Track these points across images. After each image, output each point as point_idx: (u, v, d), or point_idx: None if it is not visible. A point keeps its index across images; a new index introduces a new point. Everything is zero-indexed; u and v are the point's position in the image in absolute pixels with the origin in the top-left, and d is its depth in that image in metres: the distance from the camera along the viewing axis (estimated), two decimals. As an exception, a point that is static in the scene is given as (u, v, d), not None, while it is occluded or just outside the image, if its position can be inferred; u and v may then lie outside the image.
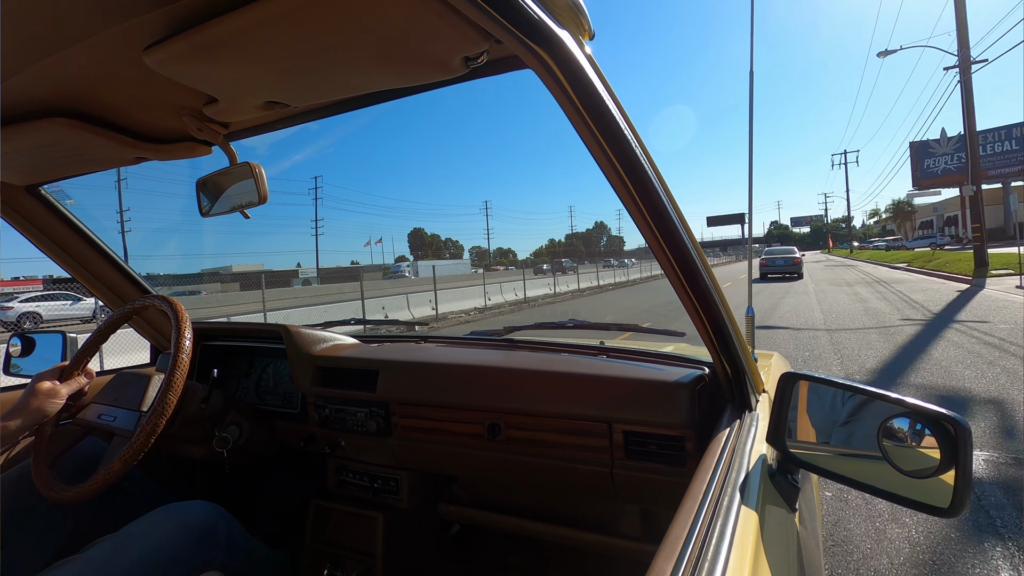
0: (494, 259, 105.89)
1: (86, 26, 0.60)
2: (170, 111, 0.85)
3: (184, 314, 1.04)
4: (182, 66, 0.65)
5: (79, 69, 0.70)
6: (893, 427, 0.64)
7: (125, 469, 0.92)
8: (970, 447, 0.58)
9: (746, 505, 0.63)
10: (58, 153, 0.97)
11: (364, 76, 0.70)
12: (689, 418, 0.94)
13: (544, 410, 1.09)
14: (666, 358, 1.14)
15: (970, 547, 2.18)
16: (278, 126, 0.97)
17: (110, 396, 1.12)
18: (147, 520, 0.93)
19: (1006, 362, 5.04)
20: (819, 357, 5.80)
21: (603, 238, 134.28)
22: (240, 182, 0.98)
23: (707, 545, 0.53)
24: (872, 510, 2.53)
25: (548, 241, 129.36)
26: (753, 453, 0.76)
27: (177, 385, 0.96)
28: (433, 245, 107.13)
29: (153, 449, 0.96)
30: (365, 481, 1.37)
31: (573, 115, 0.58)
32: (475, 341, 1.50)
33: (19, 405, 0.99)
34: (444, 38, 0.59)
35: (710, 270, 0.78)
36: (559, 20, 0.52)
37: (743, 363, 0.88)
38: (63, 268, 1.39)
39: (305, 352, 1.37)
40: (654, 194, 0.66)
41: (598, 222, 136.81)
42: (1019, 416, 3.57)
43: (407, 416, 1.24)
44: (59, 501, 0.94)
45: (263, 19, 0.55)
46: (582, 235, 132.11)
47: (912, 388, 4.41)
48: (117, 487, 1.05)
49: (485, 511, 1.39)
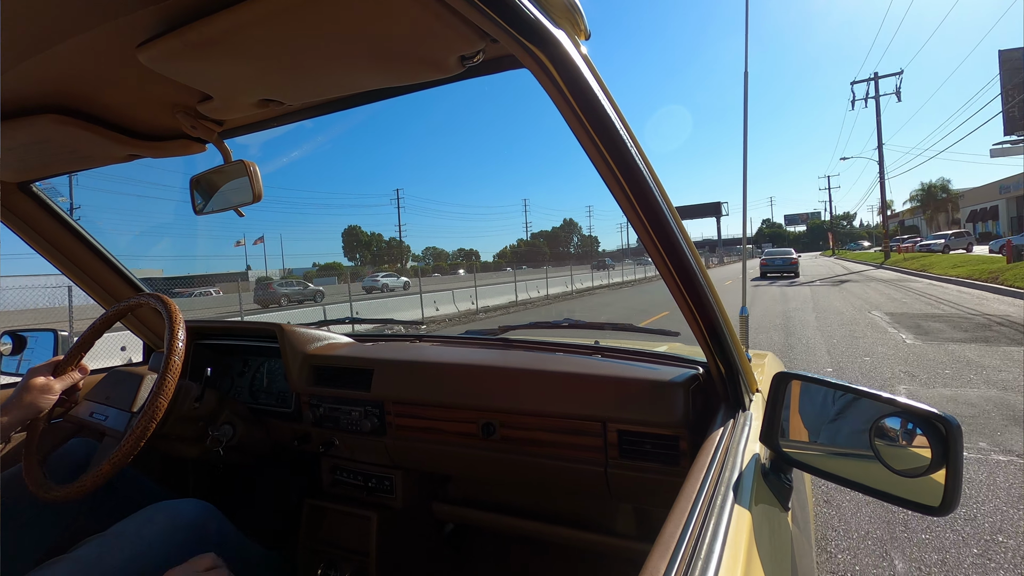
0: (454, 260, 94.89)
1: (79, 22, 0.59)
2: (164, 108, 0.85)
3: (177, 313, 1.03)
4: (176, 63, 0.64)
5: (72, 66, 0.69)
6: (885, 426, 0.64)
7: (114, 472, 0.91)
8: (960, 446, 0.58)
9: (739, 504, 0.63)
10: (51, 150, 0.96)
11: (359, 75, 0.70)
12: (683, 417, 0.95)
13: (539, 409, 1.09)
14: (660, 357, 1.14)
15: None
16: (273, 124, 0.97)
17: (102, 394, 1.11)
18: (137, 519, 0.93)
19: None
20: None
21: (574, 237, 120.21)
22: (234, 180, 0.97)
23: (700, 544, 0.53)
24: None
25: (515, 242, 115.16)
26: (746, 452, 0.77)
27: (168, 388, 0.95)
28: (372, 246, 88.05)
29: (147, 447, 0.95)
30: (359, 480, 1.37)
31: (569, 115, 0.58)
32: (470, 340, 1.50)
33: (12, 400, 0.98)
34: (440, 37, 0.59)
35: (704, 270, 0.79)
36: (555, 19, 0.52)
37: (737, 363, 0.88)
38: (55, 266, 1.38)
39: (299, 351, 1.37)
40: (649, 193, 0.66)
41: (567, 219, 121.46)
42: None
43: (402, 415, 1.24)
44: (49, 500, 0.94)
45: (257, 17, 0.55)
46: (548, 234, 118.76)
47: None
48: (113, 485, 1.05)
49: (479, 510, 1.39)
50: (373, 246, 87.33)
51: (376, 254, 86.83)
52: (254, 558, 1.07)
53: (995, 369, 4.79)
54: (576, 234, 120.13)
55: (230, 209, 1.02)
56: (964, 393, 4.14)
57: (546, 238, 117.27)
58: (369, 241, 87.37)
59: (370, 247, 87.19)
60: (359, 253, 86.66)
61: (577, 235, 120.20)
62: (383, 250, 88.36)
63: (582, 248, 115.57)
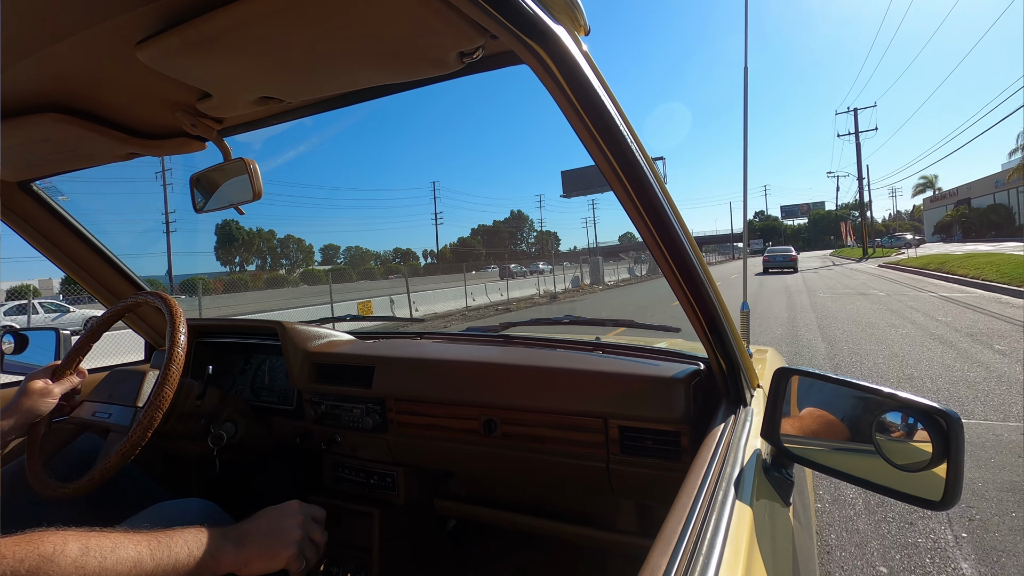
0: (387, 263, 76.59)
1: (78, 21, 0.59)
2: (163, 106, 0.85)
3: (179, 310, 1.03)
4: (175, 61, 0.64)
5: (71, 64, 0.69)
6: (886, 421, 0.64)
7: (122, 463, 0.91)
8: (962, 440, 0.58)
9: (740, 499, 0.63)
10: (50, 149, 0.96)
11: (359, 72, 0.70)
12: (684, 413, 0.95)
13: (540, 406, 1.09)
14: (661, 353, 1.15)
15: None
16: (272, 121, 0.97)
17: (104, 393, 1.11)
18: (140, 518, 0.93)
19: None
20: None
21: (523, 232, 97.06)
22: (234, 178, 0.97)
23: (702, 539, 0.53)
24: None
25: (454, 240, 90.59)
26: (748, 448, 0.77)
27: (173, 378, 0.95)
28: (253, 245, 65.78)
29: (149, 446, 0.96)
30: (361, 477, 1.37)
31: (569, 111, 0.58)
32: (471, 337, 1.50)
33: (11, 405, 0.98)
34: (439, 34, 0.59)
35: (705, 265, 0.79)
36: (555, 15, 0.52)
37: (738, 358, 0.88)
38: (56, 265, 1.38)
39: (301, 348, 1.37)
40: (649, 189, 0.66)
41: (515, 211, 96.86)
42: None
43: (403, 412, 1.24)
44: (56, 498, 0.94)
45: (256, 14, 0.55)
46: (489, 229, 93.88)
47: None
48: (117, 485, 1.05)
49: (481, 507, 1.39)
50: (256, 245, 65.70)
51: (257, 254, 66.36)
52: None
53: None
54: (527, 227, 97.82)
55: (230, 207, 1.02)
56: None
57: (485, 235, 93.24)
58: (250, 239, 64.72)
59: (252, 246, 65.37)
60: (238, 255, 64.61)
61: (528, 228, 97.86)
62: (272, 250, 68.33)
63: (538, 247, 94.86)
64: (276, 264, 67.93)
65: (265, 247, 67.78)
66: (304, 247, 73.49)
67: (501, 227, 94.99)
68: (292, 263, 68.78)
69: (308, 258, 73.33)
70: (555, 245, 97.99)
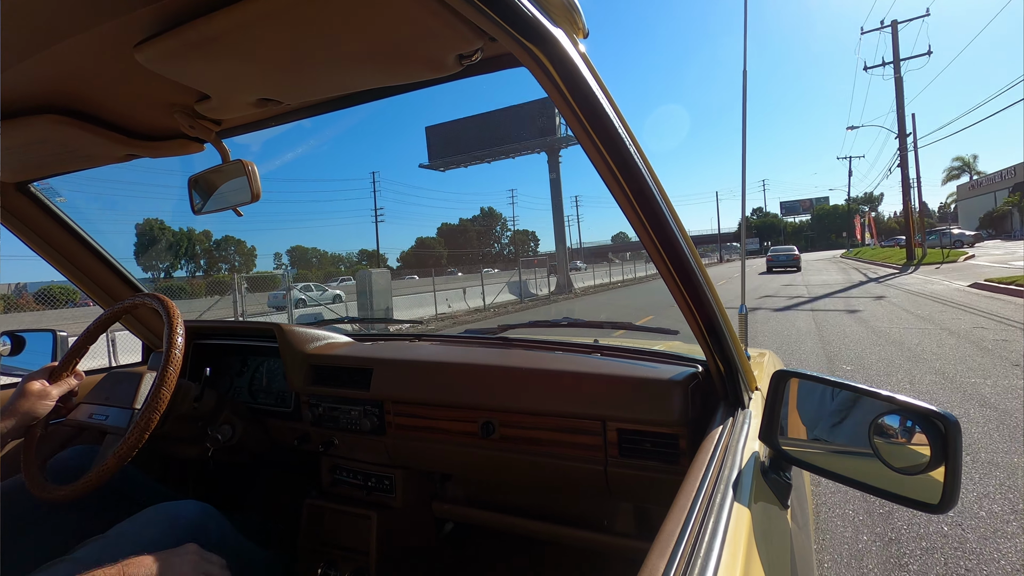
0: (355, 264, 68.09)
1: (76, 22, 0.59)
2: (161, 108, 0.84)
3: (176, 312, 1.03)
4: (173, 63, 0.64)
5: (69, 65, 0.69)
6: (884, 424, 0.64)
7: (119, 465, 0.91)
8: (960, 444, 0.58)
9: (739, 502, 0.63)
10: (48, 150, 0.96)
11: (357, 74, 0.70)
12: (682, 416, 0.95)
13: (538, 408, 1.09)
14: (660, 356, 1.15)
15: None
16: (271, 123, 0.96)
17: (101, 395, 1.11)
18: (137, 520, 0.93)
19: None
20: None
21: (497, 230, 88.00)
22: (232, 180, 0.97)
23: (700, 542, 0.53)
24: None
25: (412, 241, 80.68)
26: (746, 450, 0.77)
27: (171, 380, 0.95)
28: (181, 247, 55.92)
29: (146, 448, 0.95)
30: (359, 480, 1.37)
31: (567, 113, 0.58)
32: (469, 339, 1.50)
33: (8, 406, 0.98)
34: (438, 36, 0.59)
35: (703, 267, 0.79)
36: (553, 18, 0.52)
37: (736, 361, 0.88)
38: (54, 266, 1.37)
39: (298, 350, 1.37)
40: (648, 191, 0.66)
41: (486, 208, 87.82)
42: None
43: (401, 414, 1.24)
44: (52, 501, 0.93)
45: (255, 16, 0.55)
46: (454, 227, 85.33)
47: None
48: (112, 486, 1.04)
49: (479, 509, 1.39)
50: (183, 247, 57.16)
51: (189, 256, 58.48)
52: (253, 558, 1.07)
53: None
54: (499, 225, 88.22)
55: (229, 209, 1.02)
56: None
57: (447, 235, 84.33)
58: (177, 240, 56.21)
59: (180, 249, 56.73)
60: (159, 260, 54.99)
61: (500, 226, 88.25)
62: (207, 253, 60.54)
63: (510, 248, 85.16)
64: (213, 268, 60.19)
65: (200, 250, 60.95)
66: (245, 249, 65.29)
67: (470, 225, 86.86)
68: (230, 268, 60.53)
69: (249, 261, 65.49)
70: (529, 246, 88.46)
